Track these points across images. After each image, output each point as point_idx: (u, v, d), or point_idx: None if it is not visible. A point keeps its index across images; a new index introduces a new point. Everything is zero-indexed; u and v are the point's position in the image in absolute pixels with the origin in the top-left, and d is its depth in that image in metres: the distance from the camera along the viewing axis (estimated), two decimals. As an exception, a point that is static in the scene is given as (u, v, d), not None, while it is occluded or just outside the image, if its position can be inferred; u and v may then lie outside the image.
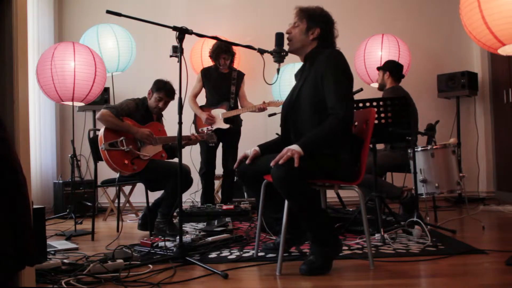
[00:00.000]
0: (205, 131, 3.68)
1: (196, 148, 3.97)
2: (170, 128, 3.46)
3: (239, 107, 4.05)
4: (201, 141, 3.65)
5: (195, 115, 4.05)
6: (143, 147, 3.20)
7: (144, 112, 3.35)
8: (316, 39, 2.33)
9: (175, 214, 3.44)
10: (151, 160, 3.19)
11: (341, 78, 2.20)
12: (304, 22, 2.34)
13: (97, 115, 3.14)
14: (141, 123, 3.27)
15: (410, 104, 3.54)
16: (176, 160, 2.68)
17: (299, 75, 2.43)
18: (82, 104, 4.10)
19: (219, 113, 3.94)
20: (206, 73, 4.05)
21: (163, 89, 3.33)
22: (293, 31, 2.36)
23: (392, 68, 3.74)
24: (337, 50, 2.32)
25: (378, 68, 3.83)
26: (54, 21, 5.25)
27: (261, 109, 3.88)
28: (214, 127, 3.89)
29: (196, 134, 3.48)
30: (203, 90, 4.11)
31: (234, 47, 3.97)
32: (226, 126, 3.90)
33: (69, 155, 4.36)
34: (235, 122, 3.98)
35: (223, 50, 3.91)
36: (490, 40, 2.48)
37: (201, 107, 4.03)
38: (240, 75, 4.10)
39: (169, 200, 3.15)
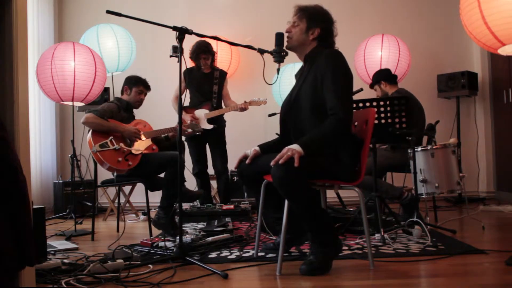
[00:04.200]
0: (189, 124, 3.68)
1: (186, 148, 3.98)
2: (159, 126, 3.47)
3: (223, 107, 4.04)
4: (188, 139, 3.81)
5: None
6: (133, 144, 3.22)
7: (125, 111, 3.40)
8: (316, 39, 2.33)
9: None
10: (143, 154, 3.22)
11: (341, 78, 2.20)
12: (304, 22, 2.33)
13: (82, 119, 3.16)
14: (125, 122, 3.31)
15: (414, 105, 3.55)
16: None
17: (299, 75, 2.43)
18: (82, 104, 4.10)
19: (202, 113, 3.94)
20: (189, 74, 4.03)
21: (140, 82, 3.46)
22: (293, 30, 2.36)
23: (382, 77, 3.73)
24: (337, 50, 2.31)
25: (371, 86, 3.81)
26: (54, 21, 5.25)
27: (243, 108, 3.89)
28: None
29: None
30: (187, 91, 4.11)
31: (238, 48, 3.98)
32: (210, 126, 3.90)
33: (69, 155, 4.36)
34: (218, 122, 3.98)
35: (202, 50, 3.91)
36: (490, 40, 2.48)
37: (185, 108, 4.01)
38: (222, 74, 4.09)
39: (167, 191, 3.14)
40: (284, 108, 2.40)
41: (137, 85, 3.44)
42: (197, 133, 3.73)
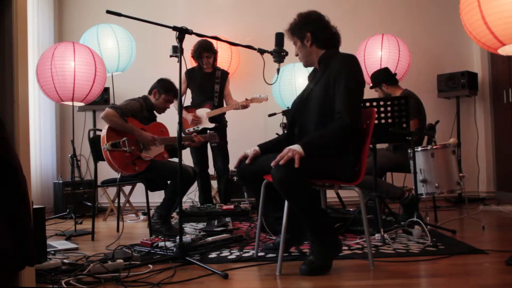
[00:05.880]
0: (192, 131, 3.69)
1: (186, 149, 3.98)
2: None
3: (225, 106, 4.05)
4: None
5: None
6: (145, 147, 3.20)
7: (147, 113, 3.35)
8: (314, 42, 2.33)
9: (173, 214, 3.45)
10: (152, 160, 3.19)
11: (353, 84, 2.20)
12: (296, 38, 2.37)
13: (102, 114, 3.12)
14: (144, 123, 3.27)
15: (420, 105, 3.55)
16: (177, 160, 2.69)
17: (312, 76, 2.43)
18: (82, 104, 4.10)
19: (203, 112, 3.94)
20: (190, 74, 4.04)
21: (172, 92, 3.39)
22: (297, 51, 2.41)
23: (383, 78, 3.70)
24: (352, 55, 2.30)
25: (372, 87, 3.79)
26: (54, 21, 5.25)
27: (244, 106, 3.90)
28: (200, 127, 3.90)
29: (198, 135, 3.47)
30: (188, 91, 4.11)
31: (237, 48, 3.97)
32: (212, 125, 3.91)
33: (69, 155, 4.36)
34: (219, 122, 3.98)
35: (205, 48, 3.92)
36: (490, 40, 2.48)
37: (186, 108, 4.01)
38: (224, 74, 4.10)
39: (169, 202, 3.17)
40: (294, 106, 2.40)
41: (168, 93, 3.38)
42: (212, 144, 3.70)
